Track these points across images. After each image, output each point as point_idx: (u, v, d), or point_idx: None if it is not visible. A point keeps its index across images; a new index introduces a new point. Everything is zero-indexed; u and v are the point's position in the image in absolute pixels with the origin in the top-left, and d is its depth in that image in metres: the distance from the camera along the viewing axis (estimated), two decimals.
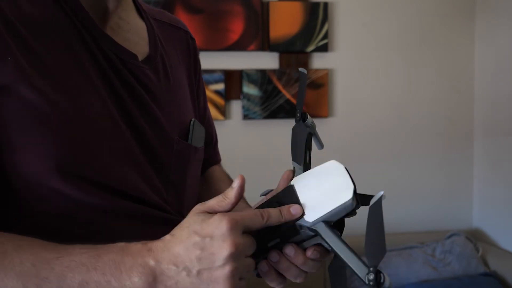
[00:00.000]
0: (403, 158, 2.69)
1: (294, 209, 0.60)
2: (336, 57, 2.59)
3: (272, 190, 0.73)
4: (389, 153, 2.67)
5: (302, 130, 0.69)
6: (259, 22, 2.47)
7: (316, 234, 0.60)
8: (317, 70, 2.53)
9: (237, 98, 2.49)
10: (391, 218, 2.71)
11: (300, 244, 0.62)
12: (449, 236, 2.53)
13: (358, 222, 0.65)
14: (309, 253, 0.62)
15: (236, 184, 0.60)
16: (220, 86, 2.43)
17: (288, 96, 2.50)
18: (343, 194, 0.59)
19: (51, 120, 0.61)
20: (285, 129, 0.71)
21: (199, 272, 0.55)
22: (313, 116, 2.54)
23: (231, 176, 0.99)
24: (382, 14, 2.64)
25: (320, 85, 2.54)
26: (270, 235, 0.60)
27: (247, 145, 2.47)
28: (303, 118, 0.69)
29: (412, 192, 2.71)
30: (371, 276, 0.53)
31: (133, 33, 0.78)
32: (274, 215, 0.59)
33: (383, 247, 0.52)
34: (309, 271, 0.63)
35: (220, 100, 2.44)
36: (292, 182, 0.63)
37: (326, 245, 0.60)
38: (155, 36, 0.81)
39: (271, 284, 0.64)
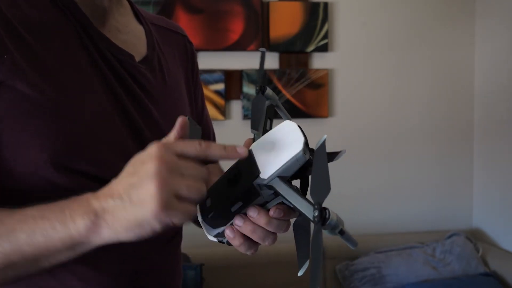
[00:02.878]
0: (403, 158, 2.69)
1: (240, 148, 0.59)
2: (336, 57, 2.59)
3: None
4: (389, 153, 2.67)
5: (262, 100, 0.72)
6: (259, 22, 2.47)
7: (275, 191, 0.61)
8: (317, 70, 2.53)
9: (237, 98, 2.49)
10: (391, 218, 2.71)
11: (264, 206, 0.63)
12: (449, 236, 2.53)
13: (358, 222, 0.65)
14: (271, 212, 0.62)
15: (177, 123, 0.60)
16: (220, 86, 2.43)
17: (288, 96, 2.50)
18: (293, 147, 0.60)
19: (45, 114, 0.64)
20: None
21: (130, 197, 0.54)
22: (313, 116, 2.56)
23: None
24: (382, 14, 2.64)
25: (320, 85, 2.54)
26: (232, 198, 0.61)
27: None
28: (263, 91, 0.72)
29: (412, 192, 2.71)
30: (316, 213, 0.53)
31: (130, 36, 0.81)
32: (216, 147, 0.58)
33: (328, 185, 0.53)
34: (276, 232, 0.63)
35: (220, 100, 2.44)
36: (250, 148, 0.65)
37: (283, 199, 0.61)
38: (152, 38, 0.84)
39: (241, 250, 0.64)
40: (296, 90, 2.51)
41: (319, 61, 2.57)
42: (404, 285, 2.28)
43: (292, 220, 0.64)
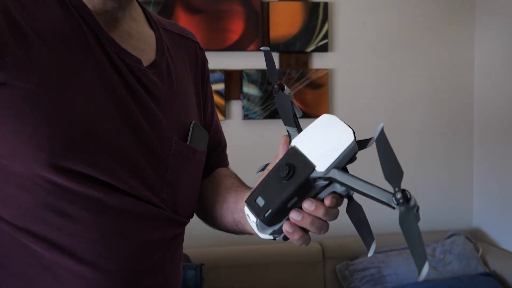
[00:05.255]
0: (403, 158, 2.67)
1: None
2: (336, 57, 2.59)
3: (268, 164, 0.75)
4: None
5: (284, 98, 0.74)
6: (259, 22, 2.47)
7: (330, 182, 0.63)
8: (317, 70, 2.53)
9: (237, 98, 2.49)
10: (391, 218, 2.70)
11: (316, 197, 0.65)
12: (449, 236, 2.53)
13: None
14: (327, 202, 0.64)
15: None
16: (220, 86, 2.43)
17: None
18: (345, 138, 0.63)
19: (45, 114, 0.64)
20: (285, 129, 0.73)
21: None
22: (313, 116, 2.55)
23: None
24: (382, 14, 2.64)
25: (320, 85, 2.54)
26: (288, 194, 0.62)
27: (247, 145, 2.47)
28: (282, 88, 0.74)
29: (412, 192, 2.70)
30: (399, 195, 0.56)
31: (141, 41, 0.81)
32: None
33: (400, 169, 0.56)
34: (331, 220, 0.66)
35: (220, 100, 2.44)
36: (292, 144, 0.66)
37: (341, 189, 0.63)
38: (162, 44, 0.85)
39: (299, 243, 0.66)
40: (296, 90, 2.51)
41: (319, 61, 2.57)
42: (404, 285, 2.28)
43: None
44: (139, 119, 0.74)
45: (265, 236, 0.67)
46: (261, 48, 0.76)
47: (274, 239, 0.68)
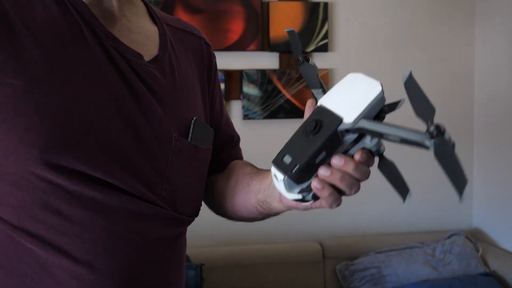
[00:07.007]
0: (403, 158, 2.68)
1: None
2: (336, 57, 2.59)
3: None
4: (389, 153, 2.66)
5: (310, 67, 0.72)
6: (259, 22, 2.47)
7: (359, 137, 0.62)
8: None
9: (237, 98, 2.49)
10: (392, 219, 2.71)
11: (346, 154, 0.63)
12: (449, 236, 2.53)
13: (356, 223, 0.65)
14: (357, 156, 0.62)
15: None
16: (220, 86, 2.43)
17: (288, 96, 2.50)
18: (373, 89, 0.62)
19: (37, 111, 0.64)
20: (285, 129, 0.72)
21: None
22: None
23: None
24: (382, 14, 2.64)
25: None
26: (315, 149, 0.60)
27: (247, 145, 2.46)
28: (307, 60, 0.73)
29: (412, 193, 2.70)
30: (432, 128, 0.55)
31: (142, 36, 0.80)
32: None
33: (432, 106, 0.56)
34: (361, 178, 0.64)
35: None
36: (319, 103, 0.65)
37: (372, 144, 0.62)
38: (166, 39, 0.84)
39: (327, 202, 0.64)
40: (296, 90, 2.51)
41: (319, 61, 2.57)
42: (404, 285, 2.28)
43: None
44: (137, 115, 0.72)
45: (293, 195, 0.65)
46: (285, 30, 0.76)
47: (303, 199, 0.66)
